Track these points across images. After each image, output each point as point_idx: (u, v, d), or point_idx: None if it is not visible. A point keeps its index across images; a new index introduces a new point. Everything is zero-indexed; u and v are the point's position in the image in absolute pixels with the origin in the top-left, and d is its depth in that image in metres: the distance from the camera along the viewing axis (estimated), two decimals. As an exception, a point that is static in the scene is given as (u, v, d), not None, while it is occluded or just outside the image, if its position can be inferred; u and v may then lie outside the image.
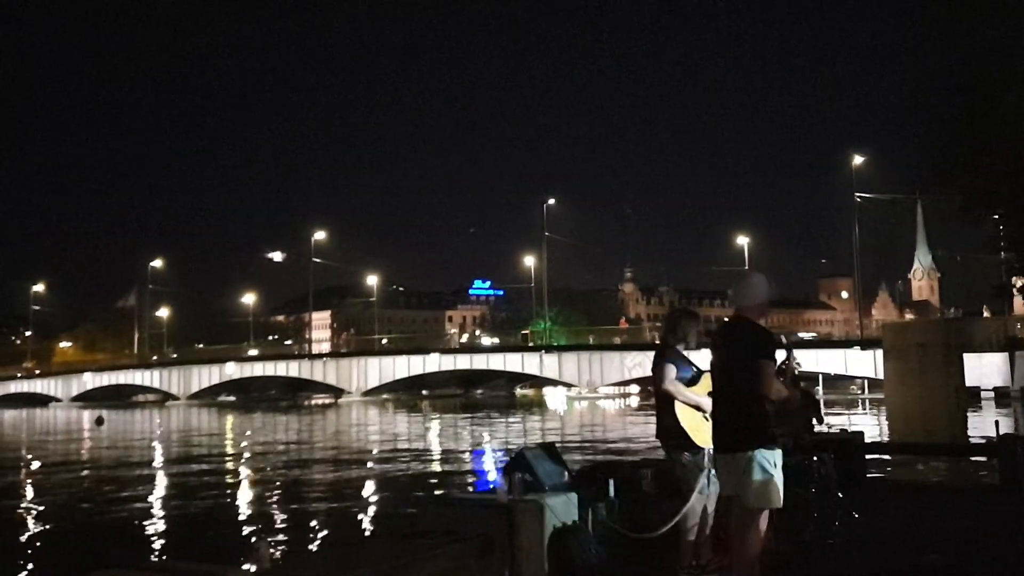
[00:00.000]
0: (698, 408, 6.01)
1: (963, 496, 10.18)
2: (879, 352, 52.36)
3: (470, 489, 18.63)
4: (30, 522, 15.86)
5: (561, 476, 6.43)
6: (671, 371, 6.11)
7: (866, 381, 59.56)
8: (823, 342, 73.87)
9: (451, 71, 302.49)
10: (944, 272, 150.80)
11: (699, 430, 5.95)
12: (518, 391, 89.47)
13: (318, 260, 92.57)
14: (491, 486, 5.86)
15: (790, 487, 5.42)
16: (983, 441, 20.42)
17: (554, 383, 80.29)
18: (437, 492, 18.11)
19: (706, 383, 6.00)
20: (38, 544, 13.39)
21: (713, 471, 5.83)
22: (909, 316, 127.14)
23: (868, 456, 10.94)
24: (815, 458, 7.54)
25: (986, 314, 63.38)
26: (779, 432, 5.29)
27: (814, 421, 8.80)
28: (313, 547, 12.84)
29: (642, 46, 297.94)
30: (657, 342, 6.98)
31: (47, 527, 15.16)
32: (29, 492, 20.61)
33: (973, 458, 15.81)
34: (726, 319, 5.59)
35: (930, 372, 20.67)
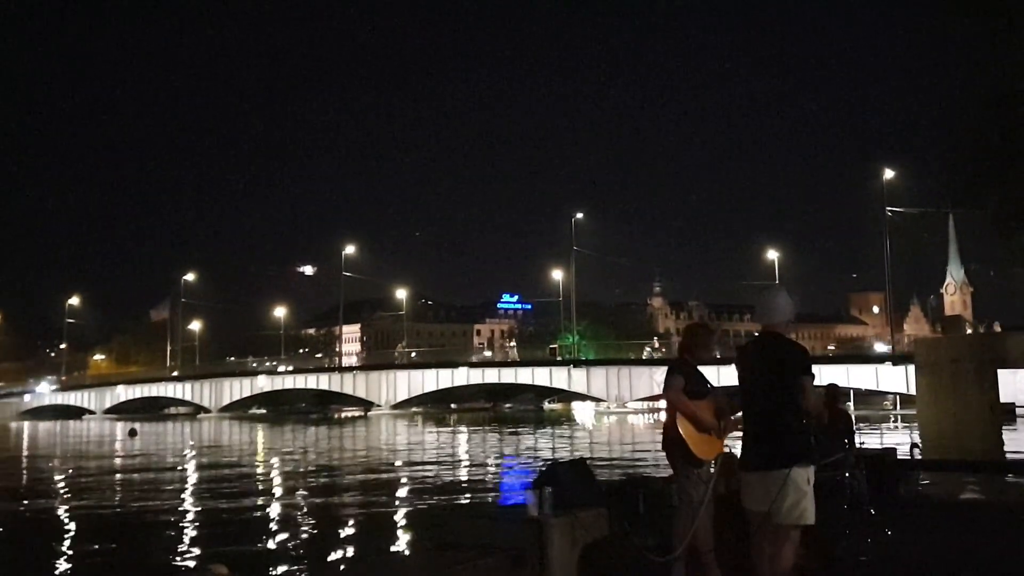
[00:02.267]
0: (694, 421, 5.99)
1: (998, 514, 10.06)
2: (911, 367, 51.73)
3: (500, 503, 18.65)
4: (57, 530, 16.05)
5: (591, 491, 6.45)
6: (678, 381, 6.11)
7: (898, 397, 58.91)
8: (854, 357, 73.14)
9: (481, 85, 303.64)
10: (977, 287, 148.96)
11: (699, 442, 5.95)
12: (546, 405, 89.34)
13: (348, 274, 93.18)
14: (522, 500, 5.87)
15: (822, 504, 5.38)
16: (1020, 458, 20.15)
17: (582, 397, 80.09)
18: (467, 505, 18.15)
19: (712, 400, 6.06)
20: (70, 550, 13.56)
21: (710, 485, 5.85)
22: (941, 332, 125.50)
23: (901, 473, 10.83)
24: (847, 475, 7.52)
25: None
26: (817, 449, 5.29)
27: (846, 442, 8.77)
28: (346, 559, 12.91)
29: (673, 61, 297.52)
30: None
31: (75, 537, 15.33)
32: (63, 501, 20.85)
33: (1009, 476, 15.62)
34: (755, 335, 5.57)
35: (963, 388, 20.40)
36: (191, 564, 12.50)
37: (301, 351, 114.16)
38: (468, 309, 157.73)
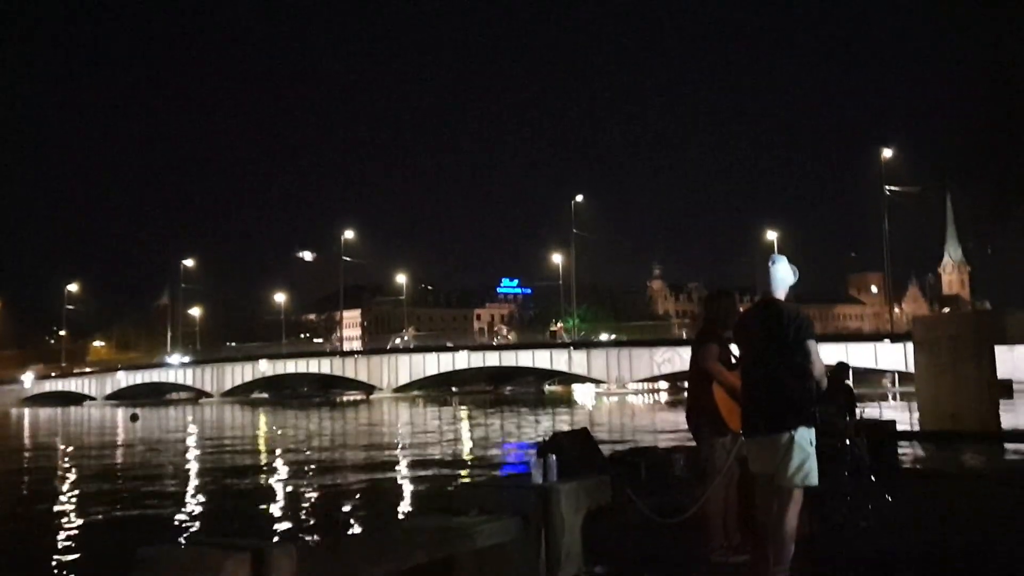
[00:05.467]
0: (732, 391, 6.05)
1: (995, 482, 10.19)
2: (909, 345, 51.88)
3: (505, 473, 18.82)
4: (71, 510, 16.20)
5: (594, 459, 6.55)
6: (713, 350, 6.16)
7: (896, 375, 59.13)
8: (853, 335, 73.32)
9: (480, 67, 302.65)
10: (974, 265, 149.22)
11: (732, 412, 6.02)
12: (547, 388, 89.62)
13: (348, 259, 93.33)
14: (526, 470, 5.98)
15: (823, 471, 5.46)
16: (1016, 429, 20.32)
17: (583, 379, 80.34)
18: (473, 476, 18.36)
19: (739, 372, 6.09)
20: (77, 531, 13.69)
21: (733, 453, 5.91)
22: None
23: (900, 443, 10.96)
24: (848, 442, 7.63)
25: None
26: (819, 414, 5.37)
27: (847, 416, 8.86)
28: (354, 527, 13.06)
29: (671, 42, 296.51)
30: (685, 337, 7.08)
31: (87, 514, 15.47)
32: (67, 484, 20.99)
33: (1007, 445, 15.77)
34: (757, 302, 5.62)
35: (961, 364, 20.46)
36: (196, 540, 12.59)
37: (302, 336, 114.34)
38: (468, 294, 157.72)
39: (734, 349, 6.22)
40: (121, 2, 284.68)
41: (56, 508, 16.57)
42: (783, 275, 5.46)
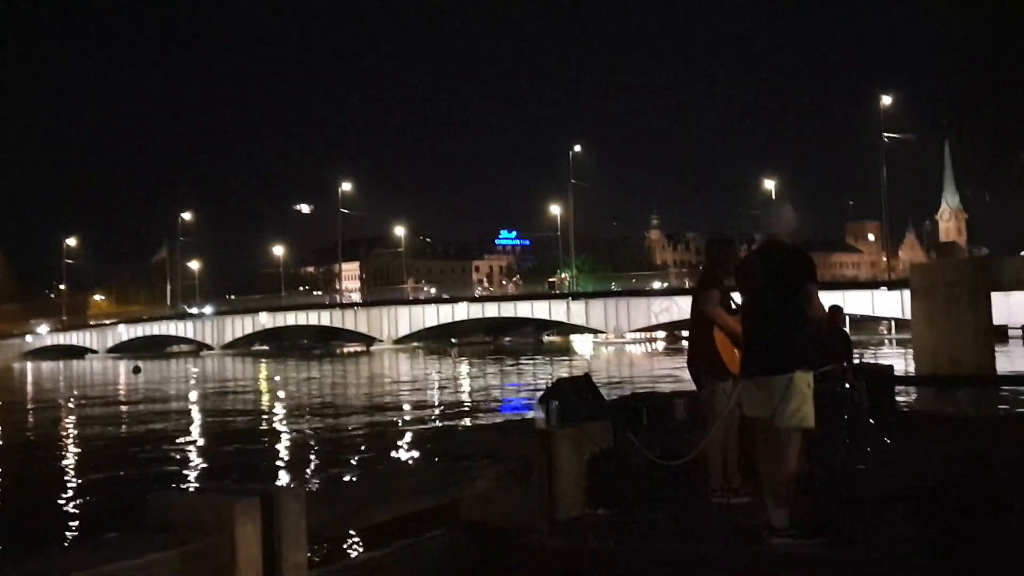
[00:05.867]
0: (733, 335, 6.08)
1: (993, 423, 10.30)
2: (906, 293, 52.01)
3: (507, 419, 19.00)
4: (79, 461, 16.35)
5: (596, 405, 6.58)
6: (714, 295, 6.16)
7: (893, 322, 59.34)
8: (850, 283, 73.45)
9: (478, 19, 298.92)
10: (971, 213, 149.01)
11: (732, 357, 6.05)
12: (545, 338, 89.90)
13: (346, 211, 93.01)
14: (529, 414, 6.04)
15: (822, 415, 5.49)
16: (1010, 373, 20.49)
17: (581, 330, 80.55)
18: (475, 422, 18.53)
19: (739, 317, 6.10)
20: (86, 480, 13.82)
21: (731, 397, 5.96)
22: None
23: (898, 388, 11.05)
24: (847, 385, 7.70)
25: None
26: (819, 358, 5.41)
27: (844, 362, 8.91)
28: (362, 467, 13.21)
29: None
30: (686, 286, 7.09)
31: (95, 464, 15.61)
32: (73, 435, 21.15)
33: (1003, 388, 15.91)
34: (760, 244, 5.61)
35: (957, 311, 20.58)
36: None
37: (301, 288, 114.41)
38: (466, 245, 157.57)
39: (735, 296, 6.24)
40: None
41: (64, 459, 16.76)
42: (786, 218, 5.46)
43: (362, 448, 16.15)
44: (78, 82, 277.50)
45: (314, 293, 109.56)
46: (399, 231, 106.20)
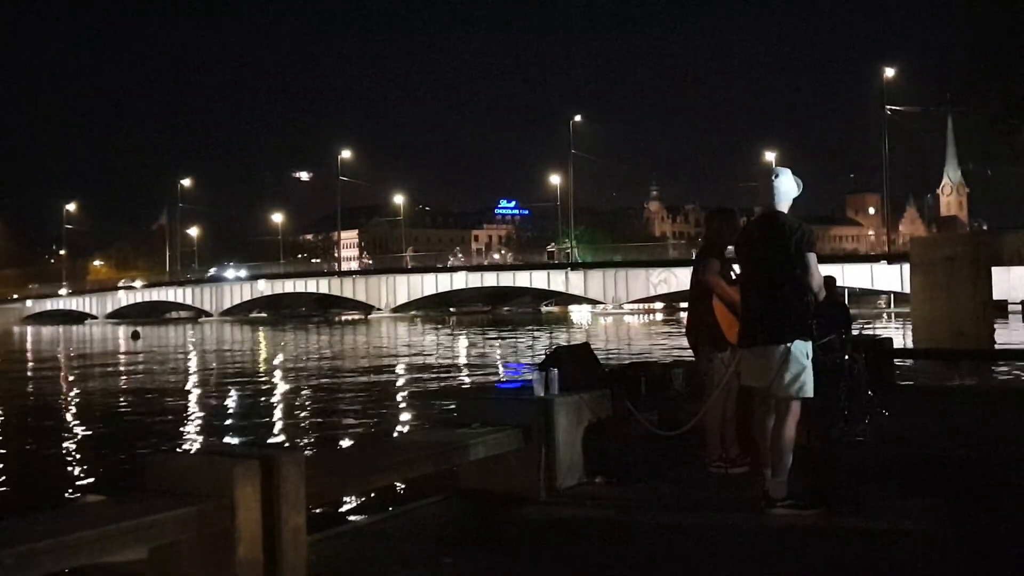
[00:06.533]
0: (732, 305, 6.05)
1: (991, 397, 10.32)
2: (906, 266, 52.03)
3: (507, 387, 19.04)
4: (79, 423, 16.39)
5: (595, 373, 6.57)
6: (714, 264, 6.16)
7: (892, 296, 59.37)
8: (849, 256, 73.42)
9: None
10: (973, 187, 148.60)
11: (732, 326, 6.03)
12: (544, 308, 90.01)
13: (345, 179, 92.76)
14: (528, 383, 6.03)
15: (821, 385, 5.48)
16: (1009, 348, 20.54)
17: (580, 300, 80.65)
18: (474, 390, 18.58)
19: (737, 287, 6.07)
20: (86, 443, 13.87)
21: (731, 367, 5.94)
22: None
23: (896, 361, 11.06)
24: (847, 357, 7.70)
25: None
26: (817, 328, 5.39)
27: (842, 332, 8.91)
28: (356, 437, 13.25)
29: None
30: (684, 256, 7.04)
31: (95, 426, 15.66)
32: (73, 398, 21.20)
33: (1001, 363, 15.92)
34: (760, 214, 5.57)
35: (957, 285, 20.55)
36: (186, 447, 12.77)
37: (299, 256, 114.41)
38: (466, 215, 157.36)
39: (735, 267, 6.21)
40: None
41: (64, 421, 16.80)
42: (787, 188, 5.40)
43: (361, 414, 16.20)
44: (79, 48, 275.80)
45: (313, 261, 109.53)
46: (398, 200, 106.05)
